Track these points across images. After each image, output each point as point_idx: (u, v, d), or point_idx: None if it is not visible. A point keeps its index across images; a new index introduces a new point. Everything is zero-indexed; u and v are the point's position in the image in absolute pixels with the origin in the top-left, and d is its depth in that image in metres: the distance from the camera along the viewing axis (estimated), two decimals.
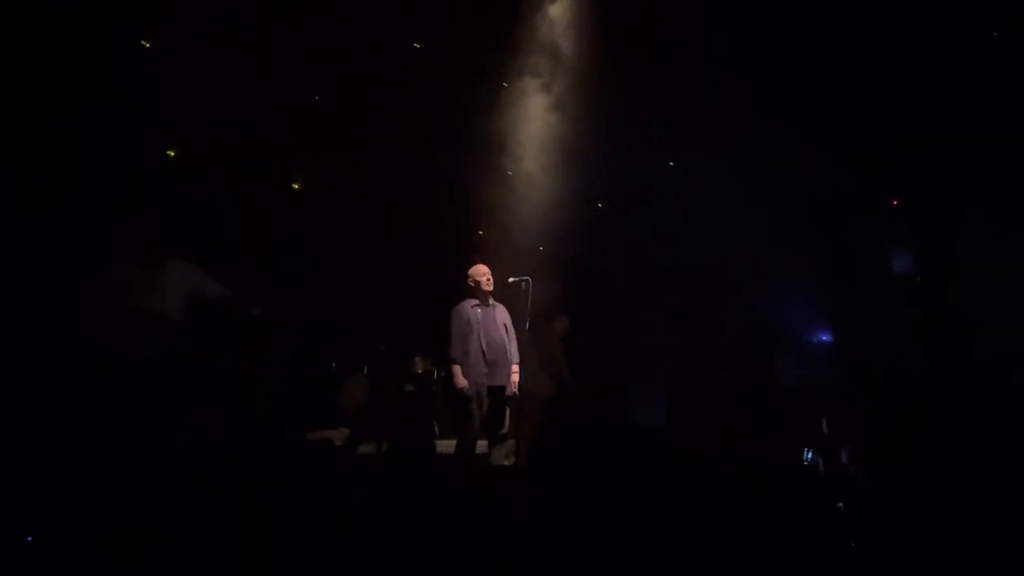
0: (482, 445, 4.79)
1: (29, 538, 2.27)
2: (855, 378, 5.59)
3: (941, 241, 5.56)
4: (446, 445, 4.86)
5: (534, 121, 5.66)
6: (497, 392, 4.52)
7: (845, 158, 5.22)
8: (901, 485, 1.57)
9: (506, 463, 4.53)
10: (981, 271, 4.93)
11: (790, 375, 6.35)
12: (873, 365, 5.60)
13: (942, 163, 5.01)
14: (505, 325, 4.59)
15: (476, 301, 4.59)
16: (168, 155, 5.37)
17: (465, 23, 4.63)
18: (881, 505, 1.53)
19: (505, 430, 4.57)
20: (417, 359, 5.80)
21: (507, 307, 4.69)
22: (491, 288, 4.56)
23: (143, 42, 4.53)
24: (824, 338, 6.89)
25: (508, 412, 4.56)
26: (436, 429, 5.53)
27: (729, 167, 5.50)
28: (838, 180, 5.47)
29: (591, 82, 5.06)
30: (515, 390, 4.55)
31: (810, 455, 2.24)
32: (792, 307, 6.39)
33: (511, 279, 4.68)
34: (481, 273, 4.59)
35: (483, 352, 4.48)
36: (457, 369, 4.48)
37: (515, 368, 4.59)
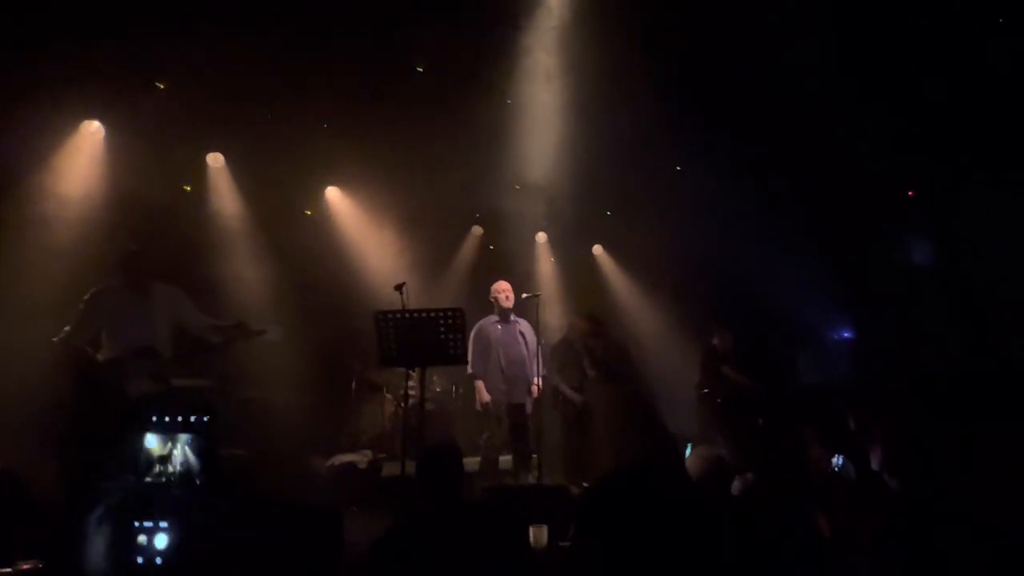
0: (504, 461, 4.77)
1: None
2: (880, 375, 5.48)
3: (961, 230, 5.45)
4: (469, 463, 4.84)
5: (540, 130, 5.68)
6: (518, 409, 4.50)
7: (862, 151, 5.15)
8: (937, 493, 1.54)
9: (530, 480, 4.50)
10: (1005, 258, 4.82)
11: (812, 374, 6.25)
12: (898, 361, 5.49)
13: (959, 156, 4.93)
14: (526, 340, 4.58)
15: (496, 317, 4.59)
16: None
17: (466, 32, 4.66)
18: (915, 515, 1.49)
19: (527, 447, 4.55)
20: (435, 378, 5.81)
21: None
22: (511, 304, 4.55)
23: (157, 83, 4.65)
24: (845, 335, 6.78)
25: (530, 429, 4.54)
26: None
27: (743, 165, 5.45)
28: (855, 173, 5.40)
29: (599, 85, 5.06)
30: (532, 403, 4.53)
31: (840, 461, 2.19)
32: (811, 305, 6.30)
33: (524, 295, 4.68)
34: (500, 289, 4.58)
35: (502, 369, 4.46)
36: (481, 385, 4.45)
37: (536, 382, 4.58)
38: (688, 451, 2.52)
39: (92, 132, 4.84)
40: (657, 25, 4.60)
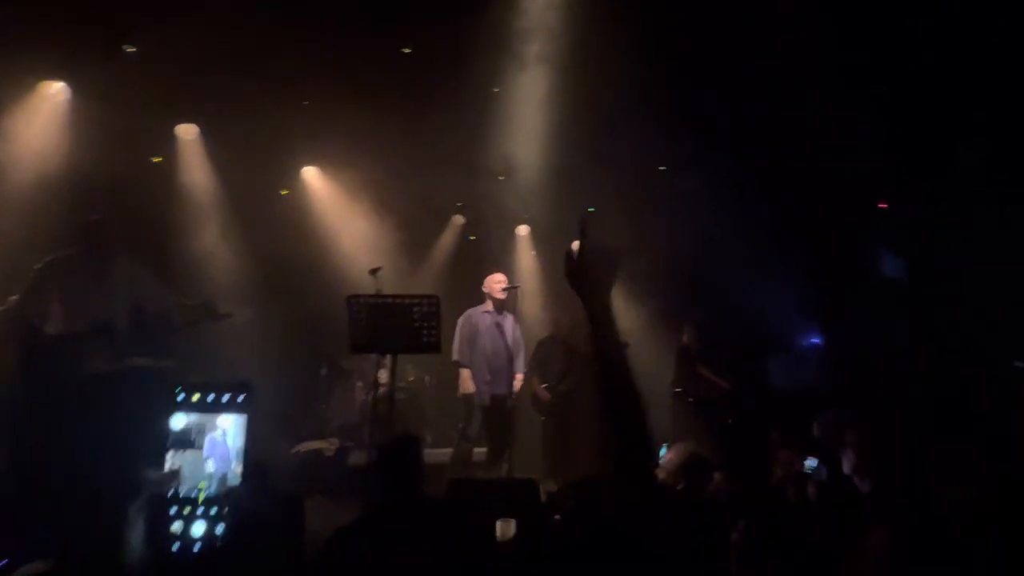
0: (479, 453, 4.72)
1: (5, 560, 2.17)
2: (848, 381, 5.60)
3: (932, 244, 5.59)
4: (442, 454, 4.78)
5: (527, 121, 5.61)
6: (499, 400, 4.47)
7: (839, 160, 5.23)
8: (904, 496, 1.55)
9: (501, 473, 4.46)
10: (972, 273, 4.95)
11: (781, 378, 6.37)
12: (865, 368, 5.61)
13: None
14: (512, 335, 4.54)
15: (486, 308, 4.55)
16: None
17: (455, 16, 4.54)
18: (884, 519, 1.49)
19: (504, 439, 4.51)
20: (408, 366, 5.73)
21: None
22: (503, 296, 4.51)
23: (126, 47, 4.41)
24: (815, 341, 6.92)
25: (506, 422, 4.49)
26: (428, 438, 5.44)
27: (724, 168, 5.48)
28: (831, 181, 5.48)
29: (584, 81, 5.01)
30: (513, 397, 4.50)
31: (814, 463, 2.20)
32: (782, 309, 6.41)
33: (504, 286, 4.63)
34: (495, 281, 4.56)
35: (487, 359, 4.43)
36: (466, 373, 4.40)
37: (518, 377, 4.55)
38: (664, 451, 2.50)
39: (53, 93, 4.58)
40: (648, 21, 4.56)
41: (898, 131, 4.96)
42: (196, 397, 2.52)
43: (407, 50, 5.05)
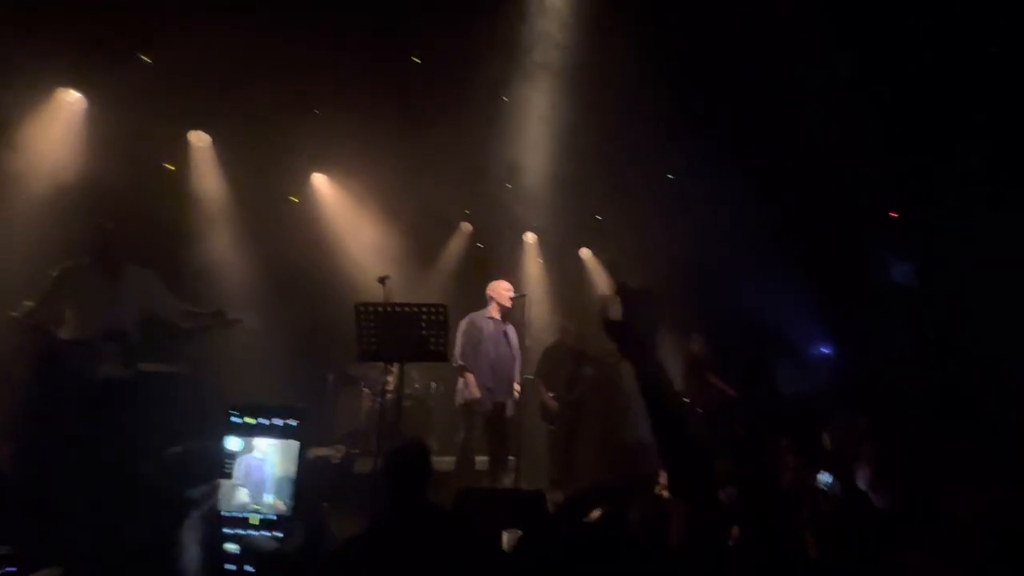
0: (481, 462, 4.70)
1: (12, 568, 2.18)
2: (857, 389, 5.53)
3: (942, 252, 5.53)
4: (446, 462, 4.76)
5: (531, 131, 5.62)
6: (499, 408, 4.45)
7: (849, 168, 5.19)
8: (917, 511, 1.51)
9: (506, 482, 4.44)
10: (981, 281, 4.90)
11: (790, 385, 6.30)
12: (875, 376, 5.55)
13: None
14: (512, 341, 4.53)
15: (490, 314, 4.54)
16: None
17: (466, 26, 4.58)
18: (902, 532, 1.46)
19: (506, 448, 4.49)
20: (414, 374, 5.72)
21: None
22: (511, 304, 4.49)
23: (142, 56, 4.48)
24: (824, 350, 6.85)
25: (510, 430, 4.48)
26: (434, 445, 5.42)
27: (733, 176, 5.47)
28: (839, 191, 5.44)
29: (590, 88, 5.03)
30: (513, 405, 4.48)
31: (828, 478, 2.14)
32: (792, 317, 6.35)
33: (512, 295, 4.62)
34: (504, 288, 4.53)
35: (491, 365, 4.41)
36: (471, 377, 4.35)
37: (516, 387, 4.54)
38: None
39: (70, 102, 4.65)
40: (657, 31, 4.58)
41: (898, 131, 4.92)
42: (252, 420, 2.36)
43: (416, 59, 5.10)
